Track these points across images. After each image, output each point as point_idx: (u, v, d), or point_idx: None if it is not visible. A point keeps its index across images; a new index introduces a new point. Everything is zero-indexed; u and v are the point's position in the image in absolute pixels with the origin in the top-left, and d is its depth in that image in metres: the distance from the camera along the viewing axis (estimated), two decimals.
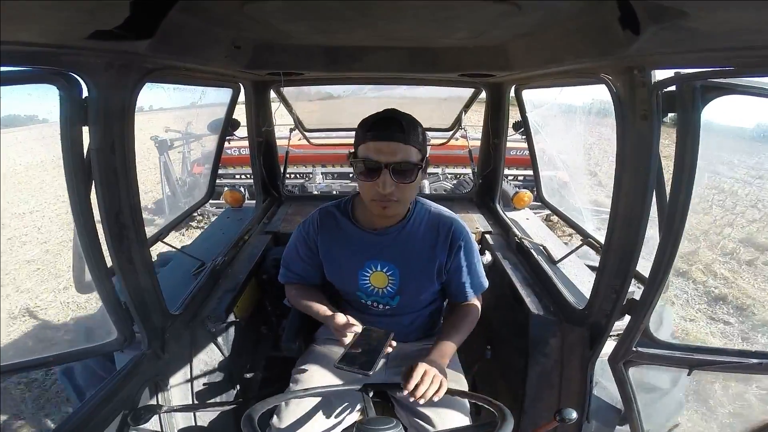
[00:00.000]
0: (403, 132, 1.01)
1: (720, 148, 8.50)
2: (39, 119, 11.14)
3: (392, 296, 1.23)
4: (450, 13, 0.92)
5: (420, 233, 1.19)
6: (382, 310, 1.25)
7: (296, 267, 1.28)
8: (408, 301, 1.24)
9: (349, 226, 1.21)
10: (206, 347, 1.36)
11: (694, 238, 4.97)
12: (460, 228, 1.20)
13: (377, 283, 1.21)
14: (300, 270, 1.28)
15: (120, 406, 1.07)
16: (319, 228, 1.22)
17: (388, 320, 1.26)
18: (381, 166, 1.00)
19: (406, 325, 1.29)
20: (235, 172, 4.90)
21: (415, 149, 1.02)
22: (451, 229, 1.19)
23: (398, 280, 1.20)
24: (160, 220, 5.03)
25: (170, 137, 5.03)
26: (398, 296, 1.23)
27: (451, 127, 2.89)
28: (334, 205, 1.25)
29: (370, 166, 1.02)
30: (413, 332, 1.31)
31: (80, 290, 1.15)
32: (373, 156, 1.01)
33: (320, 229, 1.22)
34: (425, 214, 1.21)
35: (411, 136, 1.02)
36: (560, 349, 1.33)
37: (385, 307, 1.25)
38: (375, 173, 1.02)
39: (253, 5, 0.85)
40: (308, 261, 1.26)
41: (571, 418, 0.90)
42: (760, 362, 1.03)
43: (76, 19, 0.65)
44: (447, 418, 1.06)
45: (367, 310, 1.26)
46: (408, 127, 1.02)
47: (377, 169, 1.01)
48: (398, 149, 1.00)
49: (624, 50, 0.81)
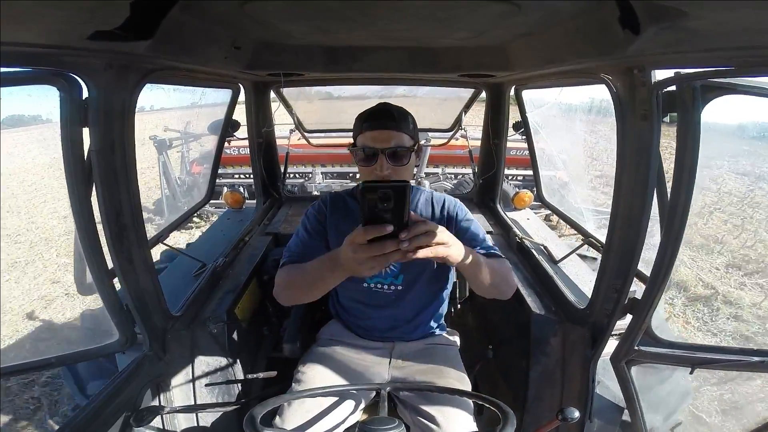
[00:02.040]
0: (395, 121, 1.12)
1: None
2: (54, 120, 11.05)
3: (396, 275, 1.25)
4: (450, 13, 0.92)
5: (417, 211, 1.27)
6: (387, 291, 1.26)
7: (298, 246, 1.21)
8: (412, 280, 1.25)
9: (356, 207, 1.25)
10: (207, 348, 1.36)
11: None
12: (453, 201, 1.30)
13: None
14: (302, 247, 1.20)
15: (122, 408, 1.07)
16: (330, 207, 1.28)
17: (393, 311, 1.26)
18: (377, 152, 1.10)
19: (410, 320, 1.29)
20: (234, 171, 4.90)
21: (407, 136, 1.13)
22: (445, 202, 1.29)
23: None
24: (159, 219, 5.04)
25: (169, 137, 5.03)
26: (402, 275, 1.24)
27: (451, 128, 2.89)
28: (343, 191, 1.34)
29: (368, 153, 1.12)
30: (418, 327, 1.31)
31: (81, 291, 1.15)
32: (369, 143, 1.11)
33: (331, 209, 1.27)
34: (420, 195, 1.32)
35: (402, 124, 1.13)
36: (562, 348, 1.33)
37: (389, 287, 1.25)
38: (372, 159, 1.11)
39: (253, 5, 0.85)
40: (315, 236, 1.22)
41: (574, 418, 0.90)
42: (762, 360, 1.03)
43: (76, 19, 0.65)
44: (450, 417, 1.06)
45: (372, 297, 1.26)
46: (399, 116, 1.13)
47: (374, 155, 1.11)
48: (391, 136, 1.10)
49: (624, 50, 0.81)
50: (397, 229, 0.75)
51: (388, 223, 0.74)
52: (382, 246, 0.76)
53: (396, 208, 0.74)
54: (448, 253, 0.85)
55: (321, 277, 0.99)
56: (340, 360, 1.23)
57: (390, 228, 0.74)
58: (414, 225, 0.78)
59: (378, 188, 0.74)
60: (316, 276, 1.01)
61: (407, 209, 0.75)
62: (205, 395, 1.34)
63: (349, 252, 0.79)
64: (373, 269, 0.80)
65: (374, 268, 0.80)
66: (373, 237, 0.75)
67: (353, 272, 0.84)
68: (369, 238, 0.75)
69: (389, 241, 0.75)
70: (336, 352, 1.26)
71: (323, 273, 0.97)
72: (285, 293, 1.13)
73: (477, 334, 1.99)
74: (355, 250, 0.78)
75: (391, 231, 0.75)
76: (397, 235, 0.75)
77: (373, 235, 0.75)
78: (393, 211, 0.74)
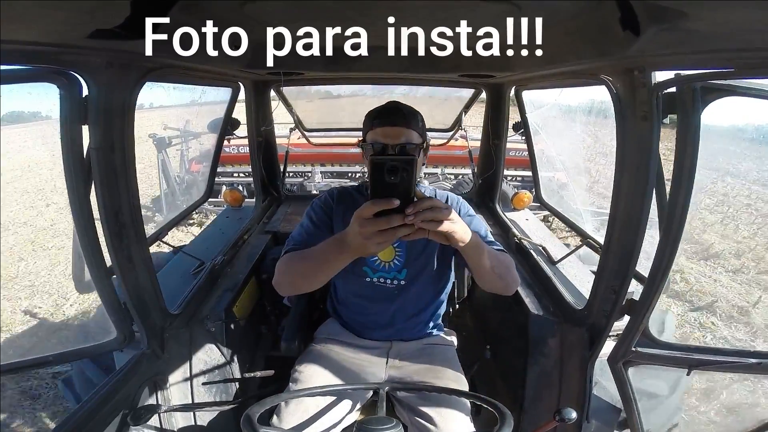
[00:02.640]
0: (405, 118, 1.14)
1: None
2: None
3: (399, 269, 1.25)
4: (450, 13, 0.92)
5: None
6: (389, 286, 1.26)
7: (302, 235, 1.20)
8: (415, 275, 1.25)
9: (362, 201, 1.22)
10: (205, 347, 1.36)
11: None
12: (456, 198, 1.32)
13: (384, 257, 1.25)
14: (306, 237, 1.19)
15: (119, 406, 1.06)
16: (337, 200, 1.28)
17: (394, 307, 1.26)
18: (387, 148, 1.12)
19: (409, 318, 1.29)
20: (233, 170, 4.90)
21: (416, 133, 1.15)
22: (447, 199, 1.30)
23: (405, 252, 1.24)
24: (158, 216, 5.03)
25: (168, 135, 5.02)
26: (405, 269, 1.25)
27: (451, 128, 2.89)
28: (350, 186, 1.35)
29: (378, 149, 1.13)
30: (417, 326, 1.31)
31: (80, 289, 1.16)
32: (380, 139, 1.13)
33: (337, 201, 1.28)
34: (423, 192, 1.30)
35: (412, 121, 1.15)
36: (560, 349, 1.33)
37: (392, 282, 1.26)
38: (382, 155, 1.11)
39: (253, 5, 0.85)
40: (320, 226, 1.21)
41: (571, 418, 0.90)
42: (759, 362, 1.03)
43: (77, 18, 0.65)
44: (448, 417, 1.06)
45: (374, 291, 1.26)
46: (409, 114, 1.16)
47: (384, 151, 1.12)
48: (401, 132, 1.13)
49: (624, 51, 0.81)
50: (403, 203, 0.77)
51: (395, 197, 0.76)
52: (389, 220, 0.77)
53: (402, 182, 0.77)
54: (453, 229, 0.85)
55: (326, 260, 0.96)
56: (337, 359, 1.24)
57: (397, 202, 0.76)
58: (420, 200, 0.79)
59: (386, 161, 0.76)
60: (321, 259, 0.97)
61: (414, 184, 0.78)
62: (203, 393, 1.34)
63: (356, 227, 0.80)
64: (380, 245, 0.82)
65: (381, 245, 0.81)
66: (381, 210, 0.77)
67: (360, 250, 0.84)
68: (377, 210, 0.77)
69: (396, 215, 0.77)
70: (333, 351, 1.26)
71: (329, 255, 0.94)
72: (286, 280, 1.09)
73: (475, 334, 1.99)
74: (362, 224, 0.78)
75: (398, 205, 0.76)
76: (403, 210, 0.77)
77: (380, 207, 0.77)
78: (400, 185, 0.77)
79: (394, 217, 0.77)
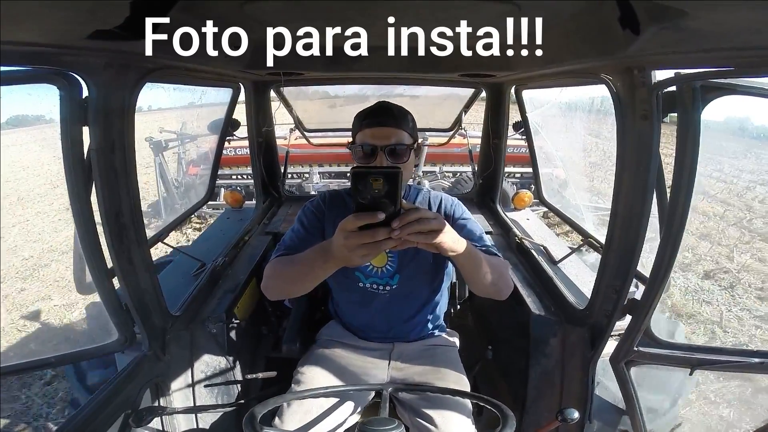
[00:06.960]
0: (395, 118, 1.12)
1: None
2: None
3: (391, 275, 1.23)
4: (450, 13, 0.92)
5: None
6: (382, 292, 1.24)
7: (292, 240, 1.20)
8: (407, 280, 1.23)
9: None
10: (207, 348, 1.36)
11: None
12: (451, 200, 1.29)
13: (377, 263, 1.23)
14: (296, 241, 1.18)
15: (121, 408, 1.06)
16: (328, 204, 1.26)
17: (390, 312, 1.25)
18: (377, 149, 1.10)
19: (406, 321, 1.28)
20: (231, 172, 4.88)
21: (406, 133, 1.13)
22: (442, 201, 1.28)
23: (397, 257, 1.22)
24: (156, 222, 5.01)
25: (165, 138, 5.00)
26: (398, 275, 1.23)
27: (451, 128, 2.89)
28: (342, 189, 1.33)
29: (367, 150, 1.11)
30: (416, 328, 1.31)
31: (81, 291, 1.16)
32: (369, 141, 1.11)
33: (329, 205, 1.26)
34: (417, 194, 1.31)
35: (402, 122, 1.13)
36: (561, 349, 1.33)
37: (385, 288, 1.24)
38: (372, 156, 1.11)
39: (253, 5, 0.85)
40: (311, 231, 1.21)
41: (573, 418, 0.90)
42: (762, 361, 1.03)
43: (76, 18, 0.65)
44: (449, 418, 1.06)
45: (368, 297, 1.25)
46: (398, 114, 1.14)
47: (373, 152, 1.10)
48: (391, 133, 1.11)
49: (624, 50, 0.81)
50: (389, 215, 0.73)
51: (379, 210, 0.73)
52: (374, 233, 0.74)
53: (388, 195, 0.72)
54: (442, 239, 0.82)
55: (311, 267, 0.94)
56: (339, 361, 1.23)
57: (382, 215, 0.72)
58: (406, 212, 0.76)
59: (369, 174, 0.72)
60: (306, 267, 0.96)
61: (400, 196, 0.73)
62: (205, 395, 1.34)
63: (340, 239, 0.77)
64: (365, 257, 0.79)
65: (366, 257, 0.79)
66: (365, 224, 0.74)
67: (345, 261, 0.82)
68: (360, 225, 0.74)
69: (381, 228, 0.73)
70: (335, 353, 1.26)
71: (314, 263, 0.93)
72: (272, 284, 1.09)
73: (476, 334, 1.99)
74: (346, 237, 0.76)
75: (383, 218, 0.72)
76: (389, 223, 0.73)
77: (364, 222, 0.73)
78: (385, 198, 0.72)
79: (380, 231, 0.74)
